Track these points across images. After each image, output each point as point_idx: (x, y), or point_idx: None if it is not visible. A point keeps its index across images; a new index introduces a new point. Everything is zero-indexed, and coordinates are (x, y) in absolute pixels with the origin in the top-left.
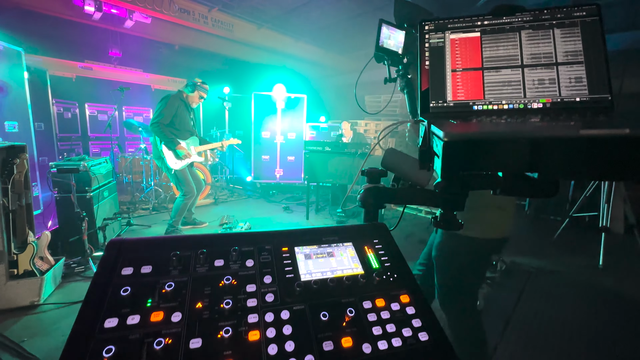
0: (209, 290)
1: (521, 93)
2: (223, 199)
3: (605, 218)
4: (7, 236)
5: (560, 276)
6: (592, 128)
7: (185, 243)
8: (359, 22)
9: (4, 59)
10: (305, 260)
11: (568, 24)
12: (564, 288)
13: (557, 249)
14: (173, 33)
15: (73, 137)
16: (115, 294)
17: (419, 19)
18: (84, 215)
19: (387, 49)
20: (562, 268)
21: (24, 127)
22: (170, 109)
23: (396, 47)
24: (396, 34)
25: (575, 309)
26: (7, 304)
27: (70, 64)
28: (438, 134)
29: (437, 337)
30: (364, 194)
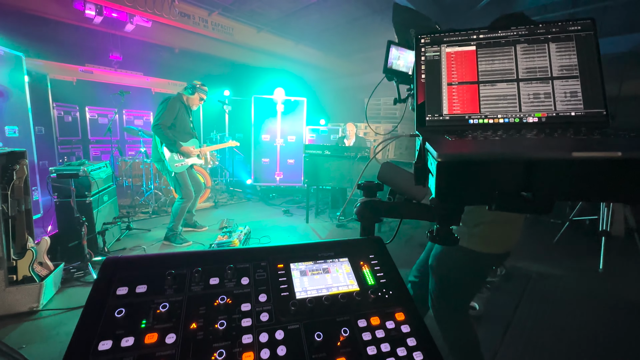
0: (203, 310)
1: (517, 107)
2: (223, 202)
3: (606, 221)
4: (7, 242)
5: (561, 280)
6: (585, 150)
7: (181, 261)
8: (358, 25)
9: (4, 64)
10: (301, 277)
11: (563, 38)
12: (564, 292)
13: (557, 253)
14: (173, 37)
15: (73, 140)
16: (109, 315)
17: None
18: (84, 220)
19: (396, 70)
20: (562, 272)
21: (25, 132)
22: (171, 111)
23: (406, 68)
24: (405, 54)
25: (576, 314)
26: (6, 310)
27: (71, 68)
28: (432, 152)
29: (432, 356)
30: (360, 207)
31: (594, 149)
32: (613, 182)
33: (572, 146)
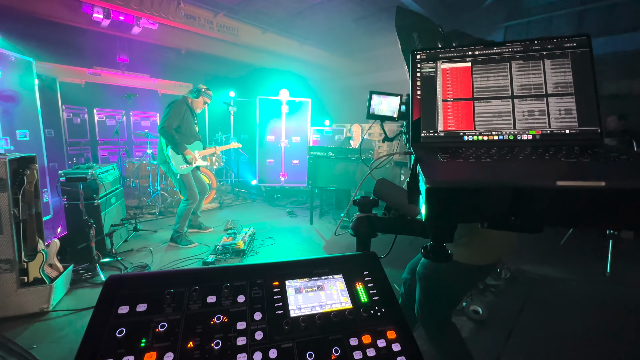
0: (200, 329)
1: (511, 124)
2: (228, 203)
3: None
4: (18, 245)
5: (566, 284)
6: (569, 179)
7: (180, 279)
8: (363, 25)
9: (15, 69)
10: (296, 294)
11: (558, 54)
12: (570, 296)
13: (564, 256)
14: (179, 38)
15: (82, 142)
16: (111, 335)
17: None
18: (92, 222)
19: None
20: (568, 275)
21: (35, 135)
22: (177, 114)
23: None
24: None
25: (582, 318)
26: (17, 311)
27: (80, 71)
28: (422, 177)
29: None
30: (355, 223)
31: (578, 178)
32: (598, 211)
33: (560, 173)
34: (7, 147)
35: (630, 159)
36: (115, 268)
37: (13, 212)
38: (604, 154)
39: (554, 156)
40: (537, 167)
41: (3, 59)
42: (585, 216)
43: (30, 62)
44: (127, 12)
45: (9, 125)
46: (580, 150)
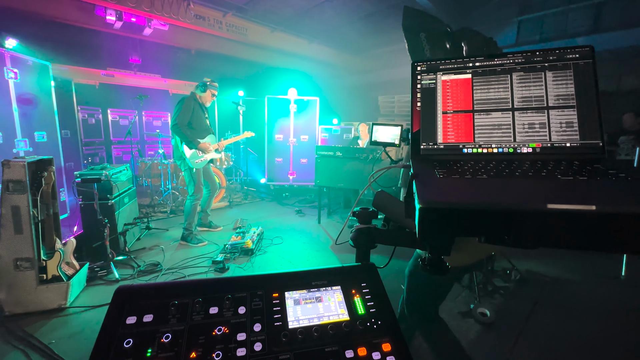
0: (202, 340)
1: (511, 137)
2: (237, 201)
3: None
4: (37, 244)
5: (579, 287)
6: (560, 202)
7: (185, 290)
8: (372, 21)
9: (33, 73)
10: (294, 306)
11: (560, 66)
12: (583, 300)
13: (576, 258)
14: (189, 38)
15: (97, 141)
16: (119, 345)
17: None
18: (106, 221)
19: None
20: (580, 278)
21: (52, 136)
22: (187, 110)
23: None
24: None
25: (594, 323)
26: (37, 307)
27: (94, 72)
28: (416, 195)
29: None
30: (355, 234)
31: (570, 201)
32: (589, 234)
33: (552, 194)
34: (26, 148)
35: (628, 178)
36: (128, 266)
37: (32, 213)
38: (603, 172)
39: (551, 172)
40: (531, 186)
41: (21, 64)
42: (577, 239)
43: (47, 65)
44: (138, 13)
45: (28, 127)
46: (580, 166)
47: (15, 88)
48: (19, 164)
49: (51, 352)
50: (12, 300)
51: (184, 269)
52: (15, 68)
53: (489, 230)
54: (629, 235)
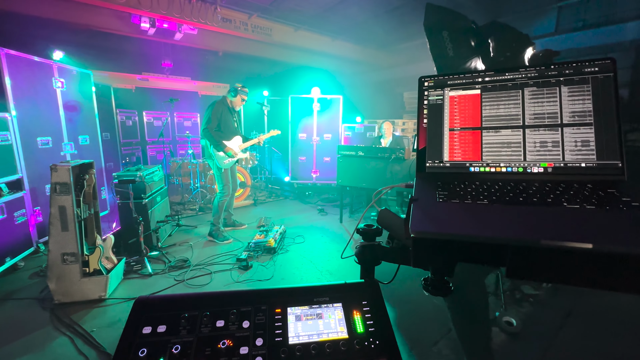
0: (209, 352)
1: (521, 155)
2: (262, 200)
3: None
4: (80, 240)
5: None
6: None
7: (195, 303)
8: (398, 15)
9: (77, 81)
10: (296, 322)
11: (577, 80)
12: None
13: None
14: (217, 41)
15: (134, 142)
16: (135, 354)
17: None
18: (140, 219)
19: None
20: None
21: (94, 139)
22: (216, 114)
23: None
24: None
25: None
26: (80, 297)
27: (130, 77)
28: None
29: None
30: (359, 250)
31: (566, 237)
32: (586, 272)
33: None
34: (72, 151)
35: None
36: (160, 261)
37: (76, 212)
38: (615, 199)
39: (558, 199)
40: (530, 216)
41: (67, 74)
42: (573, 277)
43: (89, 74)
44: (170, 19)
45: (73, 132)
46: (592, 191)
47: (62, 96)
48: (64, 168)
49: (92, 339)
50: (61, 290)
51: (210, 265)
52: (62, 78)
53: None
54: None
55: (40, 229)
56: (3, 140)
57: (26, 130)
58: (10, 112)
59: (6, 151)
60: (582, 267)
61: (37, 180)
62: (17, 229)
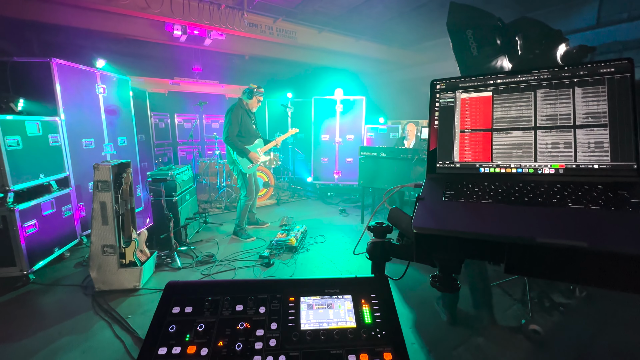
0: (229, 332)
1: (532, 157)
2: (284, 199)
3: None
4: (118, 234)
5: None
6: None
7: (218, 288)
8: (424, 12)
9: (116, 87)
10: (308, 310)
11: (592, 82)
12: None
13: None
14: (243, 45)
15: (166, 143)
16: (166, 329)
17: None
18: (171, 216)
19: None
20: None
21: (131, 140)
22: (235, 120)
23: None
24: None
25: None
26: (118, 286)
27: (163, 82)
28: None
29: None
30: (370, 247)
31: (561, 236)
32: (580, 269)
33: (549, 225)
34: (111, 152)
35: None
36: (188, 256)
37: (115, 208)
38: (623, 200)
39: (563, 200)
40: (531, 215)
41: (108, 80)
42: (568, 274)
43: (127, 80)
44: (200, 26)
45: (113, 134)
46: (601, 192)
47: (103, 101)
48: (106, 167)
49: (128, 325)
50: (101, 279)
51: (234, 261)
52: (104, 84)
53: (483, 256)
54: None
55: (84, 223)
56: (54, 142)
57: (73, 132)
58: (60, 116)
59: (56, 151)
60: (578, 265)
61: (81, 178)
62: (64, 222)
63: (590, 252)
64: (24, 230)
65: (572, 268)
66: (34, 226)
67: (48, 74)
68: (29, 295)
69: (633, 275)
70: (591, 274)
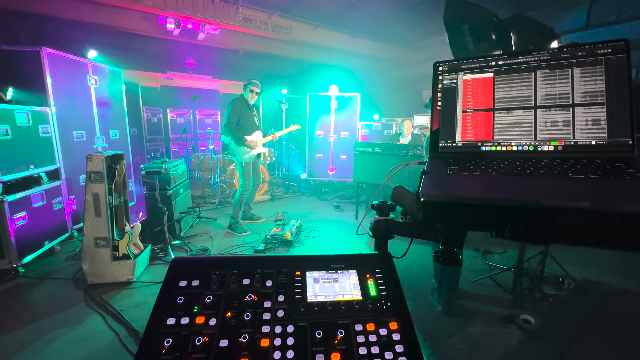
0: (236, 304)
1: (532, 135)
2: (279, 195)
3: None
4: (111, 226)
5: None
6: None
7: (224, 264)
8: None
9: (108, 79)
10: (314, 284)
11: (590, 62)
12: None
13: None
14: (238, 40)
15: (158, 138)
16: (174, 300)
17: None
18: (165, 209)
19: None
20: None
21: (123, 134)
22: (235, 111)
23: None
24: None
25: None
26: (111, 279)
27: (156, 76)
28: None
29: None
30: (373, 225)
31: (565, 198)
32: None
33: (551, 191)
34: (103, 144)
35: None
36: (182, 250)
37: (108, 200)
38: (620, 171)
39: (564, 172)
40: (534, 183)
41: (100, 71)
42: (571, 235)
43: (120, 72)
44: (194, 20)
45: (104, 126)
46: (599, 165)
47: (95, 93)
48: (99, 158)
49: (122, 317)
50: (93, 271)
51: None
52: (95, 75)
53: (489, 223)
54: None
55: (75, 217)
56: (44, 133)
57: (63, 124)
58: (51, 107)
59: (47, 143)
60: (580, 226)
61: (72, 170)
62: (55, 215)
63: (594, 212)
64: (14, 222)
65: (576, 230)
66: (24, 218)
67: (38, 64)
68: (19, 289)
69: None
70: (594, 234)
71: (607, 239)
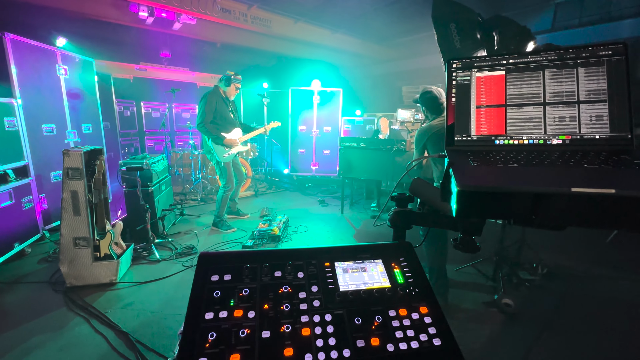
0: (272, 296)
1: (542, 129)
2: (262, 191)
3: None
4: (92, 225)
5: (612, 283)
6: (584, 185)
7: (253, 257)
8: (397, 9)
9: (79, 69)
10: (343, 274)
11: (593, 62)
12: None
13: (609, 253)
14: (216, 32)
15: (132, 133)
16: (209, 295)
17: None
18: (147, 207)
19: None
20: (616, 274)
21: (96, 128)
22: (210, 107)
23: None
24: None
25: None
26: (93, 281)
27: (128, 67)
28: (454, 179)
29: (448, 343)
30: (393, 216)
31: (592, 185)
32: (609, 215)
33: (577, 179)
34: (75, 139)
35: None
36: (167, 248)
37: (87, 197)
38: (628, 162)
39: (578, 162)
40: (558, 172)
41: (70, 61)
42: (598, 219)
43: (91, 62)
44: (168, 9)
45: (76, 120)
46: (607, 156)
47: (65, 84)
48: (77, 153)
49: (108, 319)
50: (73, 273)
51: None
52: (65, 65)
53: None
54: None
55: (46, 216)
56: (10, 126)
57: (31, 116)
58: (16, 98)
59: (13, 137)
60: (606, 211)
61: (42, 167)
62: (24, 215)
63: (619, 198)
64: None
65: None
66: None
67: (0, 50)
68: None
69: None
70: (618, 218)
71: (630, 222)
